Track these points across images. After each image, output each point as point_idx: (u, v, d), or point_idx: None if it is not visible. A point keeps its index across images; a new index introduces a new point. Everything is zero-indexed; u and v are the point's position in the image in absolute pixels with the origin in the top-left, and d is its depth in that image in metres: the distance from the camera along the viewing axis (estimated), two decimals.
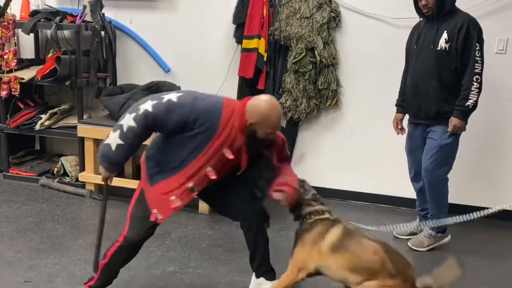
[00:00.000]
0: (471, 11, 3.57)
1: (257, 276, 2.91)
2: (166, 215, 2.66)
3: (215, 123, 2.54)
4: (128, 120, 2.50)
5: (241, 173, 2.70)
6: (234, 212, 2.88)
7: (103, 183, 2.74)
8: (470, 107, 3.43)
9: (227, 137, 2.56)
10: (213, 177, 2.60)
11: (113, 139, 2.53)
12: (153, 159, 2.69)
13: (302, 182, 2.76)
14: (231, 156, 2.57)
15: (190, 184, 2.61)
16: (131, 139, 2.51)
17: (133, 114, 2.50)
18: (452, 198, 3.76)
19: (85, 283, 2.85)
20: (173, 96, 2.54)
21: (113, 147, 2.53)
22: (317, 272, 2.56)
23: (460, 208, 4.23)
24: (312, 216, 2.64)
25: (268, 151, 2.77)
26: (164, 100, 2.52)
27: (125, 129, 2.50)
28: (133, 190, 2.82)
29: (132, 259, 2.81)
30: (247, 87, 4.64)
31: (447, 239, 3.79)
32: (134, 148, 2.59)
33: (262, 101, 2.59)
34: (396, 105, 3.86)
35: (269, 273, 2.89)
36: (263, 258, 2.89)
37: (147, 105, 2.50)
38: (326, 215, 2.64)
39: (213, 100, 2.62)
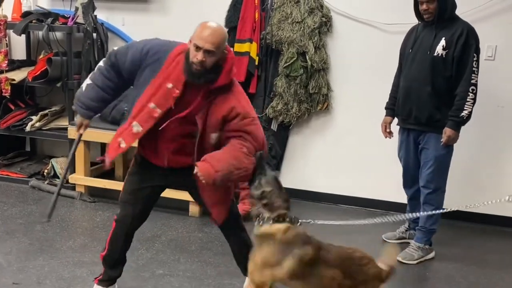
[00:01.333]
0: (461, 17, 3.59)
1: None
2: (111, 156, 2.69)
3: (163, 56, 2.54)
4: (100, 63, 2.73)
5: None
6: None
7: (77, 130, 2.81)
8: (465, 118, 3.42)
9: (172, 71, 2.49)
10: (156, 114, 2.49)
11: (84, 82, 2.74)
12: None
13: (262, 174, 2.47)
14: (175, 94, 2.46)
15: (134, 123, 2.55)
16: (97, 78, 2.68)
17: (103, 59, 2.74)
18: (444, 204, 3.76)
19: (95, 278, 2.92)
20: (133, 40, 2.75)
21: (84, 88, 2.72)
22: None
23: (451, 213, 4.26)
24: (260, 223, 2.41)
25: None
26: (128, 44, 2.75)
27: (95, 70, 2.73)
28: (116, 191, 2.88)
29: (129, 245, 2.86)
30: None
31: (432, 255, 3.79)
32: (102, 90, 2.68)
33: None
34: (385, 108, 3.87)
35: None
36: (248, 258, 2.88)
37: (115, 47, 2.72)
38: (276, 228, 2.38)
39: (170, 41, 2.68)
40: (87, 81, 2.71)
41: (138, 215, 2.80)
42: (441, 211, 3.00)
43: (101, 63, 2.70)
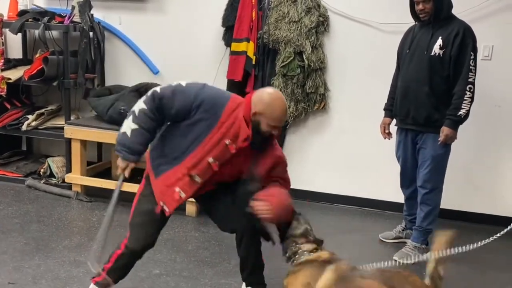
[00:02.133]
0: (458, 17, 3.60)
1: (247, 285, 2.93)
2: (172, 207, 2.63)
3: (218, 111, 2.53)
4: (139, 104, 2.57)
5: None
6: (224, 222, 2.83)
7: (120, 172, 2.65)
8: (462, 116, 3.42)
9: (230, 127, 2.54)
10: (215, 168, 2.56)
11: (127, 125, 2.56)
12: (156, 150, 2.69)
13: (298, 214, 2.63)
14: (233, 150, 2.55)
15: (194, 174, 2.58)
16: (143, 121, 2.54)
17: (143, 98, 2.58)
18: (441, 204, 3.77)
19: (92, 278, 2.82)
20: (183, 82, 2.61)
21: (128, 133, 2.55)
22: None
23: (448, 213, 4.30)
24: (301, 256, 2.48)
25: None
26: (174, 84, 2.60)
27: (137, 113, 2.55)
28: (125, 193, 2.83)
29: (134, 264, 2.80)
30: (236, 90, 4.62)
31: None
32: (149, 133, 2.58)
33: (267, 92, 2.61)
34: (384, 109, 3.87)
35: (260, 286, 2.91)
36: (254, 269, 2.89)
37: (157, 88, 2.59)
38: (317, 255, 2.46)
39: (222, 91, 2.69)
40: (131, 125, 2.54)
41: (151, 243, 2.74)
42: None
43: (143, 106, 2.55)
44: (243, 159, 2.62)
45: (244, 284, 2.95)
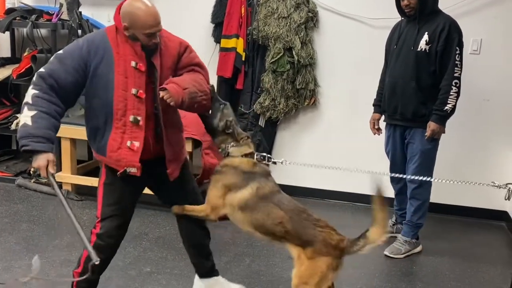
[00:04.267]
0: (445, 12, 3.60)
1: (200, 277, 2.96)
2: (136, 163, 2.48)
3: (106, 45, 2.43)
4: (29, 92, 2.39)
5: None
6: (173, 201, 2.76)
7: (43, 174, 2.36)
8: (449, 111, 3.44)
9: (124, 50, 2.43)
10: (143, 95, 2.43)
11: (24, 116, 2.34)
12: (90, 134, 2.58)
13: (222, 105, 2.64)
14: (143, 67, 2.42)
15: (130, 118, 2.45)
16: (41, 105, 2.34)
17: (31, 85, 2.40)
18: (431, 198, 3.78)
19: (74, 270, 2.70)
20: (58, 52, 2.49)
21: (29, 122, 2.31)
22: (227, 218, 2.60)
23: (438, 207, 4.32)
24: (228, 157, 2.59)
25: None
26: (51, 58, 2.48)
27: (31, 100, 2.35)
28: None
29: (107, 265, 2.71)
30: (226, 87, 4.65)
31: (419, 248, 3.81)
32: (52, 117, 2.37)
33: (128, 2, 2.41)
34: (373, 104, 3.88)
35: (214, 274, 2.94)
36: (201, 258, 2.91)
37: (40, 70, 2.43)
38: (242, 162, 2.56)
39: (94, 31, 2.63)
40: (28, 113, 2.31)
41: (121, 226, 2.65)
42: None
43: (34, 91, 2.35)
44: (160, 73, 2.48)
45: (196, 275, 2.96)
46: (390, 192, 3.99)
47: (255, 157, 2.62)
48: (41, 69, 2.42)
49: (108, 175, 2.62)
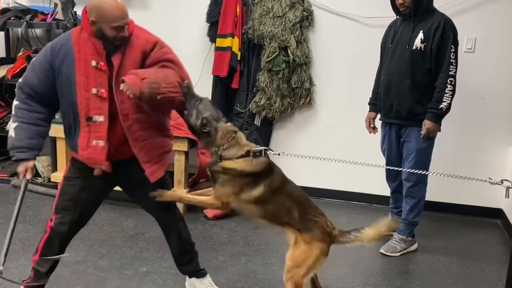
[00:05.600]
0: (440, 11, 3.61)
1: (189, 277, 2.97)
2: (103, 161, 2.52)
3: (68, 45, 2.46)
4: (13, 103, 2.56)
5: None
6: (147, 205, 2.78)
7: (21, 177, 2.58)
8: (444, 109, 3.44)
9: (86, 50, 2.45)
10: (104, 95, 2.45)
11: (10, 128, 2.54)
12: (65, 130, 2.63)
13: (197, 100, 2.53)
14: (104, 67, 2.43)
15: (93, 117, 2.48)
16: (21, 116, 2.51)
17: (15, 97, 2.57)
18: (426, 196, 3.79)
19: (23, 280, 2.79)
20: (32, 59, 2.59)
21: (13, 134, 2.52)
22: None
23: (434, 205, 4.33)
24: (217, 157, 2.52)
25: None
26: (28, 65, 2.59)
27: (14, 111, 2.54)
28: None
29: (63, 251, 2.73)
30: (222, 86, 4.64)
31: (415, 246, 3.82)
32: (33, 125, 2.52)
33: None
34: (369, 103, 3.88)
35: (199, 273, 2.94)
36: (185, 257, 2.90)
37: (19, 79, 2.58)
38: (251, 161, 2.53)
39: (65, 33, 2.61)
40: (12, 125, 2.52)
41: (77, 222, 2.69)
42: None
43: (15, 102, 2.54)
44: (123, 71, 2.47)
45: (187, 277, 2.97)
46: (386, 191, 4.01)
47: (251, 154, 2.53)
48: (20, 79, 2.57)
49: (70, 170, 2.68)
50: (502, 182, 2.55)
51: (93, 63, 2.45)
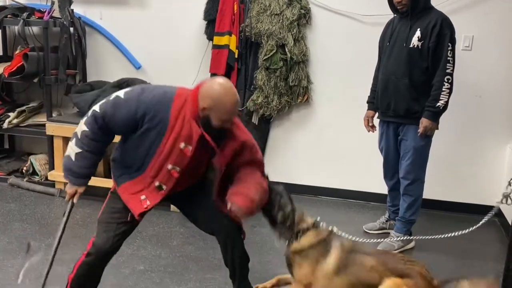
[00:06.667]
0: (438, 9, 3.61)
1: None
2: (139, 211, 2.54)
3: (164, 116, 2.41)
4: (80, 126, 2.48)
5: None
6: (206, 224, 2.79)
7: (68, 199, 2.62)
8: (441, 108, 3.44)
9: (180, 130, 2.42)
10: (176, 175, 2.49)
11: (70, 148, 2.50)
12: (116, 161, 2.64)
13: (280, 194, 2.59)
14: (189, 153, 2.45)
15: (156, 183, 2.53)
16: (87, 144, 2.47)
17: (84, 119, 2.48)
18: (424, 194, 3.79)
19: (68, 275, 2.75)
20: (120, 93, 2.48)
21: (73, 157, 2.49)
22: None
23: (431, 203, 4.34)
24: (303, 236, 2.54)
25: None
26: (111, 97, 2.47)
27: (79, 135, 2.47)
28: (103, 188, 2.78)
29: (100, 275, 2.71)
30: None
31: (412, 244, 3.82)
32: (95, 155, 2.52)
33: (215, 84, 2.41)
34: (367, 102, 3.88)
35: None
36: (242, 279, 2.86)
37: (96, 106, 2.47)
38: (316, 233, 2.55)
39: (163, 91, 2.49)
40: (74, 148, 2.47)
41: (118, 244, 2.63)
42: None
43: (84, 127, 2.46)
44: (207, 154, 2.53)
45: None
46: (383, 189, 4.01)
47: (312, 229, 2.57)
48: (97, 107, 2.46)
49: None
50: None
51: (182, 145, 2.44)
